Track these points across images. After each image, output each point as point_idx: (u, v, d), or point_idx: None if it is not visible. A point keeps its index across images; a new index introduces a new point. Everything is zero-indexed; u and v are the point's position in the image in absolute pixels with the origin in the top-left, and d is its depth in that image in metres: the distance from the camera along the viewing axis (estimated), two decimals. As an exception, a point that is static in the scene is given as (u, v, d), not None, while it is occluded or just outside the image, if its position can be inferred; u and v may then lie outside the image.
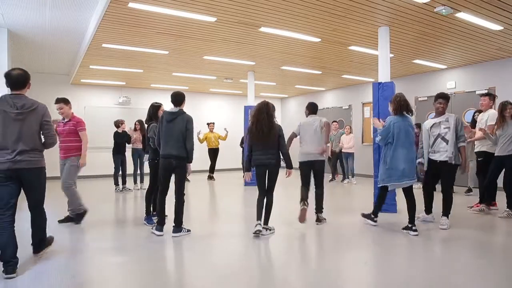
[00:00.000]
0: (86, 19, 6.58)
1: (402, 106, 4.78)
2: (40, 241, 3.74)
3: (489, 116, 5.94)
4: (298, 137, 5.41)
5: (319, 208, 5.29)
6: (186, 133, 4.49)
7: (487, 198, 6.00)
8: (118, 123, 8.63)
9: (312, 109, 5.54)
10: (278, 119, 8.77)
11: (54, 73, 11.45)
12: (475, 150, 6.34)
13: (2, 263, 3.20)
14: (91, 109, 12.01)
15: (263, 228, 4.56)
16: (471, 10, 5.46)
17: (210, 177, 10.95)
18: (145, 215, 5.31)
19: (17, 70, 3.56)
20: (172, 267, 3.74)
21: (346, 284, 3.21)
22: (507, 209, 5.64)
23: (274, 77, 11.30)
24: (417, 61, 8.81)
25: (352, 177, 10.18)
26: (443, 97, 4.99)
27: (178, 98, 4.65)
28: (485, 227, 5.14)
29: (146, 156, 5.73)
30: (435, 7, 5.31)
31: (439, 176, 5.05)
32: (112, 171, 8.68)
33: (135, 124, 8.87)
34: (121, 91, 12.67)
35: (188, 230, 4.71)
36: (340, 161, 10.38)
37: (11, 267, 3.16)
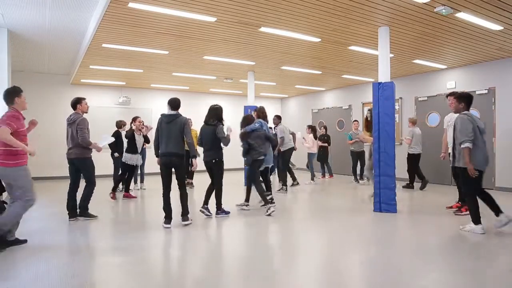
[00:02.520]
0: (86, 19, 6.57)
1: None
2: (81, 207, 5.42)
3: None
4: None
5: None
6: (184, 132, 5.06)
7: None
8: (120, 124, 8.52)
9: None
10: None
11: (54, 73, 11.45)
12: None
13: None
14: (91, 109, 11.66)
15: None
16: (471, 10, 5.46)
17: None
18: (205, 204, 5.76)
19: None
20: (173, 267, 3.74)
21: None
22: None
23: (274, 77, 11.29)
24: (417, 61, 8.81)
25: (313, 179, 10.01)
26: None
27: (175, 104, 5.25)
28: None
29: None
30: (435, 7, 5.31)
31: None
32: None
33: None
34: (121, 91, 12.67)
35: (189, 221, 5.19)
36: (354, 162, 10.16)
37: None
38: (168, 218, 5.09)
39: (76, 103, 5.62)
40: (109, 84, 12.13)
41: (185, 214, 5.17)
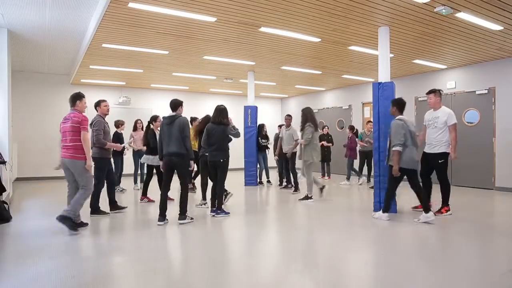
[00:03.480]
0: (86, 19, 6.57)
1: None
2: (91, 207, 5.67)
3: (448, 116, 5.52)
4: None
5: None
6: (183, 134, 5.09)
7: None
8: (118, 124, 8.57)
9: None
10: (278, 119, 8.85)
11: (54, 73, 11.45)
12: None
13: None
14: (91, 109, 11.93)
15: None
16: (471, 10, 5.46)
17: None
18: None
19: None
20: (173, 268, 3.74)
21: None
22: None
23: (274, 77, 11.30)
24: (417, 61, 8.81)
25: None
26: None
27: (173, 105, 5.35)
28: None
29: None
30: (435, 7, 5.31)
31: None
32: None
33: (136, 123, 8.78)
34: (121, 91, 12.67)
35: (191, 218, 5.29)
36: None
37: None
38: (161, 216, 5.15)
39: (96, 105, 5.93)
40: (109, 84, 12.13)
41: (182, 213, 5.20)
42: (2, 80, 6.91)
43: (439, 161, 5.55)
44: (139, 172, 8.94)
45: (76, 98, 4.88)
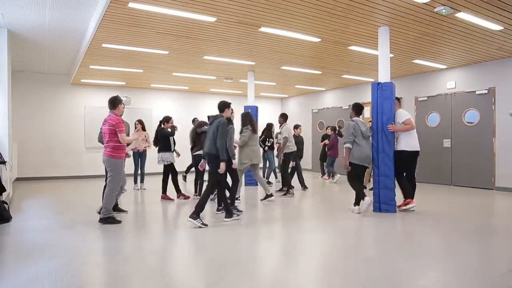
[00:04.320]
0: (86, 19, 6.57)
1: None
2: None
3: (397, 115, 6.07)
4: None
5: None
6: (217, 134, 5.12)
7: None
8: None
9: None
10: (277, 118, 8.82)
11: (54, 73, 11.45)
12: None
13: None
14: (91, 109, 12.01)
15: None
16: (471, 10, 5.46)
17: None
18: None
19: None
20: (173, 268, 3.74)
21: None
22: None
23: (274, 77, 11.30)
24: (417, 61, 8.81)
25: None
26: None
27: (218, 106, 5.52)
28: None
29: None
30: (435, 7, 5.31)
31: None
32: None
33: (135, 124, 8.78)
34: (121, 91, 12.63)
35: (205, 225, 4.98)
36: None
37: None
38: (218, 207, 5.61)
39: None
40: (109, 84, 12.13)
41: (196, 213, 4.95)
42: (2, 80, 6.91)
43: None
44: (139, 172, 8.95)
45: (116, 101, 5.35)
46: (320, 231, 5.04)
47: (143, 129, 8.62)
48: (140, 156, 8.86)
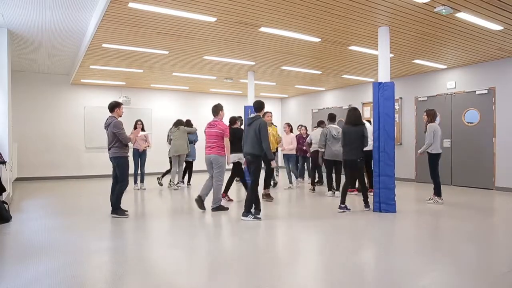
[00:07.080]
0: (86, 19, 6.57)
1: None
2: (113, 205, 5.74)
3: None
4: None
5: None
6: (259, 135, 5.39)
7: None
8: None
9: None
10: (277, 119, 8.84)
11: (54, 73, 11.45)
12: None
13: None
14: (91, 109, 12.02)
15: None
16: (471, 10, 5.46)
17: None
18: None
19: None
20: (174, 268, 3.74)
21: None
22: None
23: (274, 77, 11.30)
24: (417, 61, 8.81)
25: (296, 179, 9.38)
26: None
27: (255, 106, 5.81)
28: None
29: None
30: (435, 7, 5.31)
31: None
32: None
33: (136, 123, 8.78)
34: (121, 91, 12.66)
35: (258, 218, 5.43)
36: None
37: None
38: (246, 212, 5.51)
39: (115, 107, 5.89)
40: (109, 84, 12.13)
41: (246, 210, 5.45)
42: (2, 80, 6.91)
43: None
44: (139, 172, 8.95)
45: (219, 108, 6.09)
46: (319, 230, 5.03)
47: (143, 129, 8.63)
48: (140, 156, 8.86)
